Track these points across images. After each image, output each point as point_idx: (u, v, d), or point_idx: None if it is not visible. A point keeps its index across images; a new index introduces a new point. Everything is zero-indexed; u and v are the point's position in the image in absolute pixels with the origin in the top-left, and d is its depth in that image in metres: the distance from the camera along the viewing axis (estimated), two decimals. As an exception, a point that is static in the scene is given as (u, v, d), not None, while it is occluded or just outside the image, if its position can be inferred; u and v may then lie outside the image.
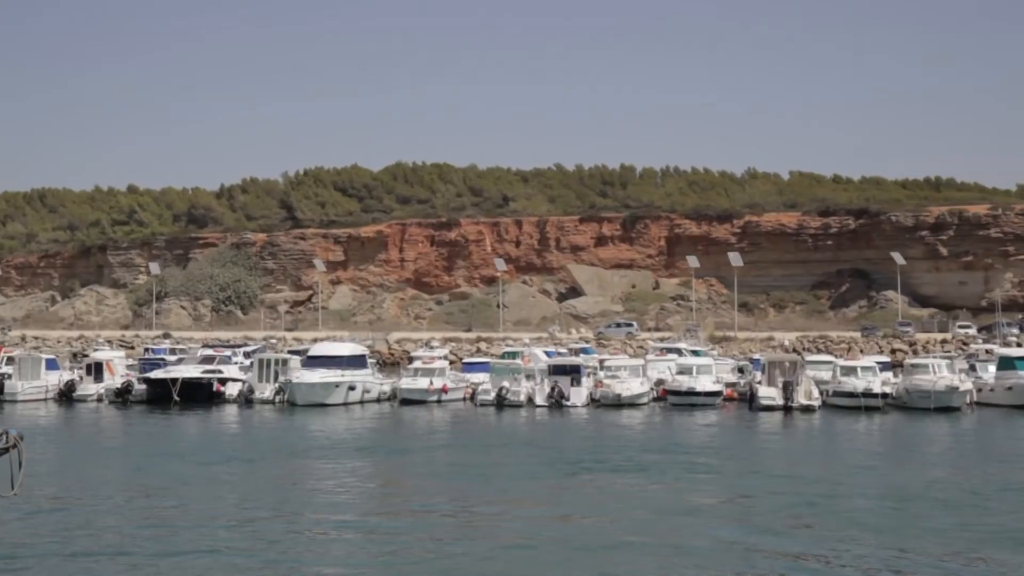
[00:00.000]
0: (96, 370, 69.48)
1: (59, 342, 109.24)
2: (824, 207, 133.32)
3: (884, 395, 59.64)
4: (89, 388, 67.86)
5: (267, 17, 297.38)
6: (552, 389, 60.46)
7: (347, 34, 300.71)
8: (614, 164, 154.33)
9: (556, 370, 63.19)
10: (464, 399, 64.41)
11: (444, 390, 62.98)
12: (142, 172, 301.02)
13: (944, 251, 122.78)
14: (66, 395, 68.26)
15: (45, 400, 67.27)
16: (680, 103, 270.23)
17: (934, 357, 69.51)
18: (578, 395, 60.53)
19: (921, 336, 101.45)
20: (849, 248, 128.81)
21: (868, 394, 58.59)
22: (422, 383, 62.99)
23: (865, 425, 52.90)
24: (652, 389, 63.74)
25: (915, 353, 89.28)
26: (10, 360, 72.95)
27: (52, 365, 72.40)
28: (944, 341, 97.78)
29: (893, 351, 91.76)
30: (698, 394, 60.09)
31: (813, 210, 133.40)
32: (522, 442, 45.08)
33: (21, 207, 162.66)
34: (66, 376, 71.04)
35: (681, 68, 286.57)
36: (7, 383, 68.21)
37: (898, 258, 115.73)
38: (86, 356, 79.90)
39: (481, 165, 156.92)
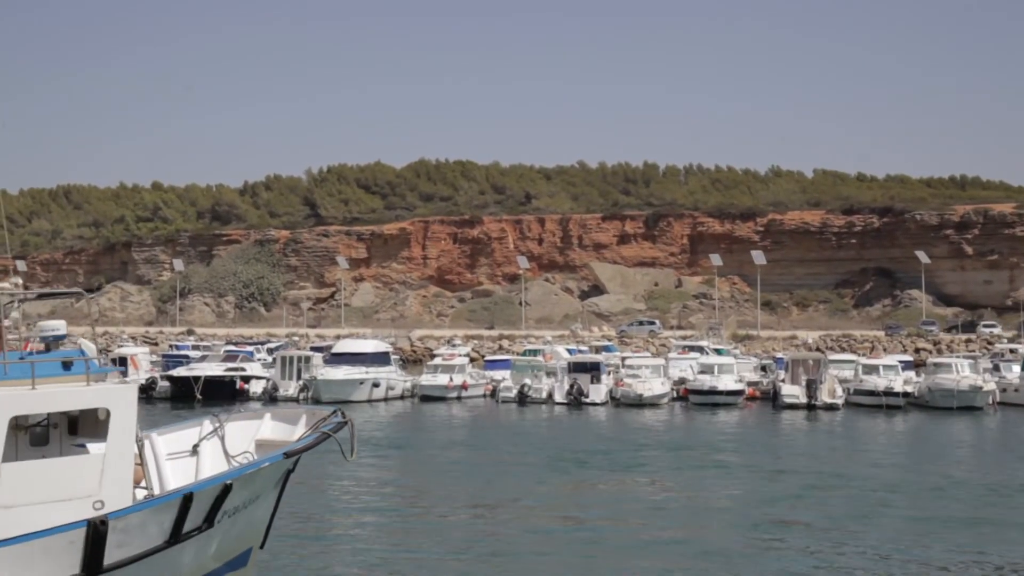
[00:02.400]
0: (120, 365, 69.91)
1: (83, 337, 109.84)
2: (848, 205, 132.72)
3: (906, 394, 59.48)
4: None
5: (292, 14, 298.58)
6: (571, 386, 60.49)
7: (371, 31, 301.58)
8: (637, 162, 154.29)
9: (576, 367, 63.22)
10: (484, 395, 64.59)
11: (464, 387, 63.18)
12: (166, 169, 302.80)
13: (969, 250, 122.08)
14: None
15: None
16: (703, 101, 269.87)
17: (957, 356, 69.17)
18: (597, 392, 60.53)
19: (945, 335, 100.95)
20: (873, 247, 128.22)
21: (890, 393, 58.42)
22: (442, 380, 63.20)
23: (886, 424, 52.73)
24: (673, 388, 63.67)
25: (939, 352, 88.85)
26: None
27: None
28: (968, 340, 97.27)
29: (917, 350, 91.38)
30: (720, 393, 59.98)
31: (837, 208, 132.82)
32: (539, 440, 45.13)
33: (46, 204, 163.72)
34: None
35: (705, 66, 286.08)
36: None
37: (923, 257, 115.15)
38: (110, 352, 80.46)
39: (504, 163, 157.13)
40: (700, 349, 76.47)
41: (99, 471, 15.36)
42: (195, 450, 18.90)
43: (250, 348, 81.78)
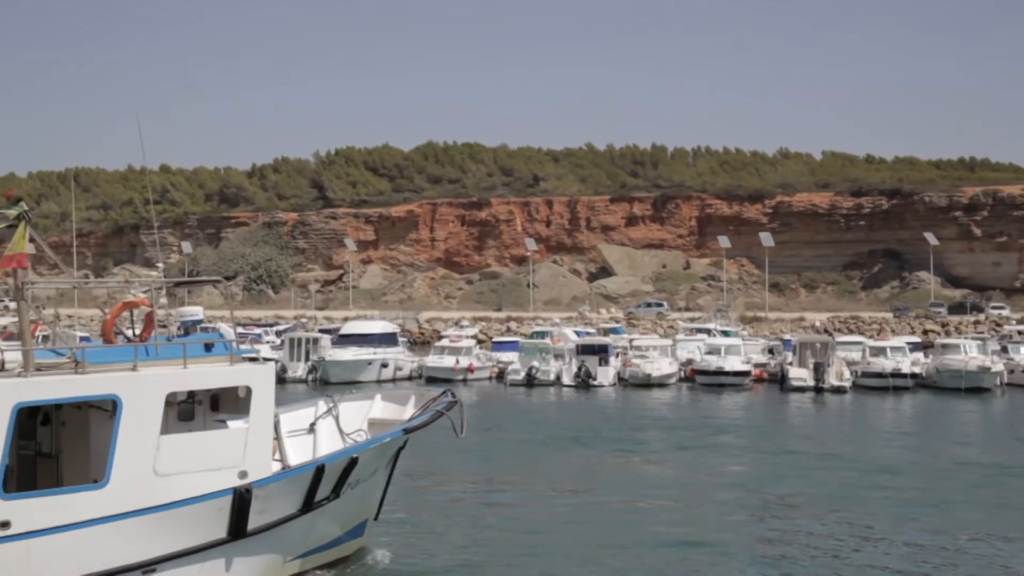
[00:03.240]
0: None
1: (92, 320, 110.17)
2: (857, 187, 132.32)
3: (914, 375, 59.51)
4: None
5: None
6: (579, 368, 60.56)
7: (378, 14, 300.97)
8: (645, 144, 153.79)
9: (584, 350, 63.31)
10: (490, 378, 64.69)
11: (470, 369, 63.26)
12: (174, 152, 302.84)
13: (978, 232, 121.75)
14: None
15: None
16: (712, 83, 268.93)
17: (965, 338, 69.08)
18: (605, 374, 60.61)
19: (953, 317, 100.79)
20: (882, 228, 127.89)
21: (897, 374, 58.46)
22: (448, 362, 63.29)
23: (894, 405, 52.73)
24: (680, 369, 63.73)
25: (947, 334, 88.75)
26: (45, 338, 73.79)
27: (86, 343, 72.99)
28: (977, 322, 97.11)
29: (925, 332, 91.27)
30: (726, 374, 60.06)
31: (845, 190, 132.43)
32: (549, 421, 45.22)
33: (55, 186, 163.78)
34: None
35: (714, 48, 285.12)
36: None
37: (931, 239, 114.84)
38: (120, 334, 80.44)
39: (512, 145, 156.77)
40: (708, 331, 76.49)
41: (243, 444, 16.95)
42: (312, 428, 20.33)
43: (258, 330, 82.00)
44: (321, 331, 74.98)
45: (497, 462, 33.37)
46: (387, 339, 66.06)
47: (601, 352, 62.63)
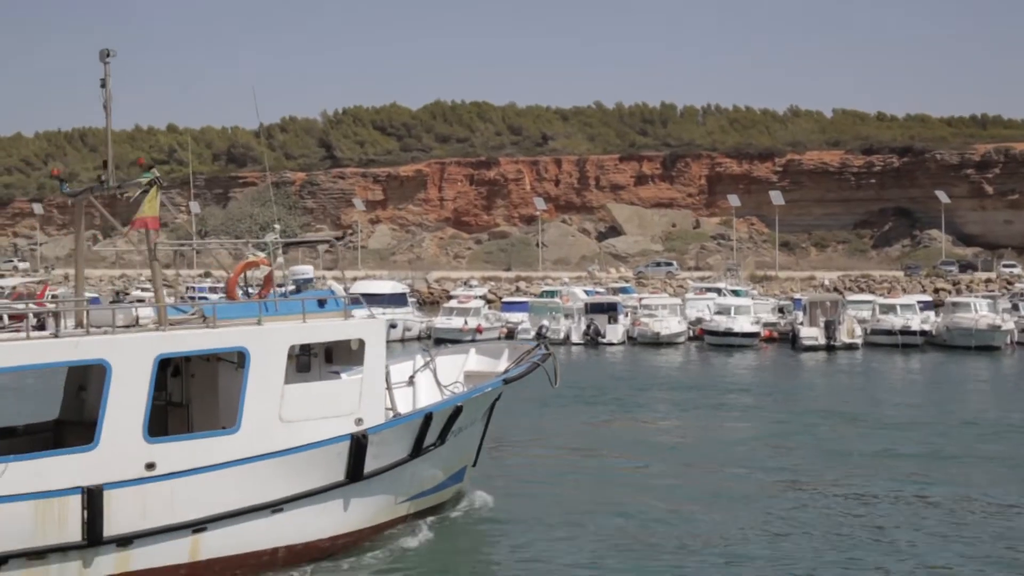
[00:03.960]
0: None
1: (101, 280, 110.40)
2: (867, 145, 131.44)
3: (923, 333, 59.37)
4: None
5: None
6: (588, 327, 60.44)
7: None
8: (654, 102, 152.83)
9: (593, 308, 63.19)
10: (499, 338, 64.59)
11: (479, 330, 63.12)
12: (181, 111, 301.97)
13: (990, 189, 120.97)
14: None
15: (87, 337, 67.93)
16: (721, 40, 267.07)
17: (976, 296, 68.77)
18: (614, 333, 60.52)
19: (964, 276, 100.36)
20: (893, 187, 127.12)
21: (907, 332, 58.34)
22: (456, 323, 63.15)
23: (904, 363, 52.63)
24: (689, 328, 63.58)
25: (958, 292, 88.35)
26: (54, 298, 73.88)
27: (95, 303, 73.12)
28: (988, 280, 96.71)
29: (936, 290, 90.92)
30: (735, 334, 59.92)
31: (856, 148, 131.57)
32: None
33: (62, 146, 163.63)
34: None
35: (723, 5, 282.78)
36: (50, 320, 69.04)
37: (942, 196, 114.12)
38: (128, 295, 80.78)
39: (520, 103, 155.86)
40: (717, 290, 76.25)
41: (359, 393, 18.30)
42: (411, 380, 21.40)
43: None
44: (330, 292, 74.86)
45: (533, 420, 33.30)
46: (396, 299, 65.95)
47: (610, 311, 62.52)
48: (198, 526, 16.34)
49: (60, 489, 15.19)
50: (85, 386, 18.67)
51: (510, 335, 63.39)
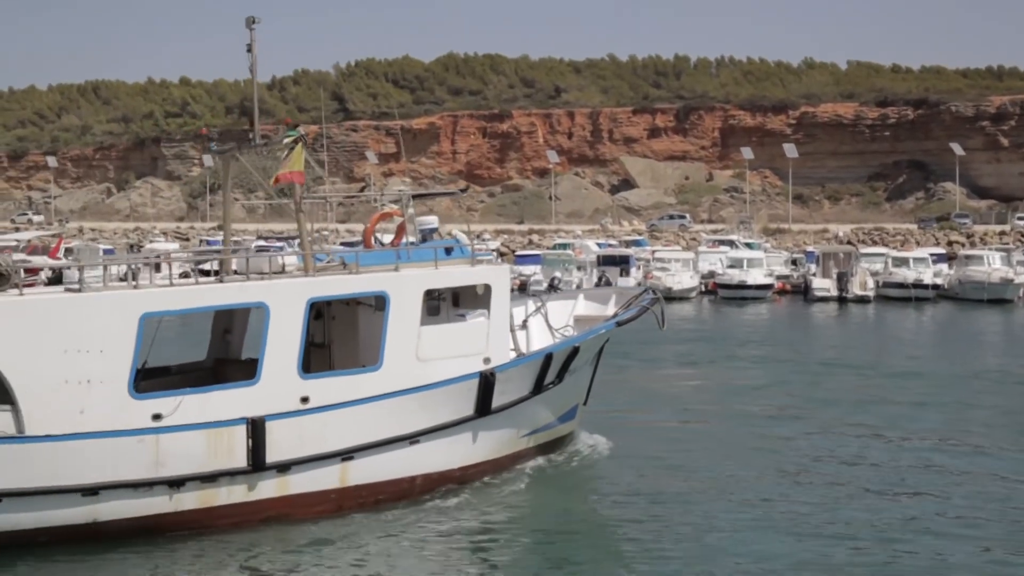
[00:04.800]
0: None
1: (115, 234, 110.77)
2: (882, 97, 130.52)
3: (935, 286, 59.40)
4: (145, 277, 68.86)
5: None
6: (600, 280, 60.59)
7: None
8: (668, 54, 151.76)
9: (605, 261, 63.31)
10: (513, 290, 64.72)
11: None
12: (194, 64, 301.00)
13: (1005, 141, 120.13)
14: (55, 283, 69.35)
15: (103, 290, 68.31)
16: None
17: (989, 249, 68.63)
18: (626, 285, 60.65)
19: (978, 228, 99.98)
20: (907, 139, 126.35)
21: (919, 285, 58.38)
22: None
23: (915, 316, 52.73)
24: (702, 282, 63.68)
25: (972, 245, 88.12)
26: (68, 251, 74.23)
27: (109, 254, 73.57)
28: (1003, 233, 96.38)
29: (949, 243, 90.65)
30: (748, 287, 60.04)
31: (871, 100, 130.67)
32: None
33: (75, 99, 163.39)
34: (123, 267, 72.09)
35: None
36: (66, 273, 69.48)
37: (957, 149, 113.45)
38: (142, 247, 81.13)
39: (533, 56, 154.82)
40: (730, 243, 76.26)
41: (486, 334, 19.72)
42: (524, 324, 22.26)
43: (280, 243, 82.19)
44: (343, 244, 75.09)
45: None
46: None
47: (622, 263, 62.64)
48: (346, 455, 17.87)
49: (228, 420, 16.79)
50: (230, 329, 20.78)
51: (523, 288, 63.57)
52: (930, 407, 28.44)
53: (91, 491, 15.90)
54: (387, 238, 22.08)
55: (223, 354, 20.82)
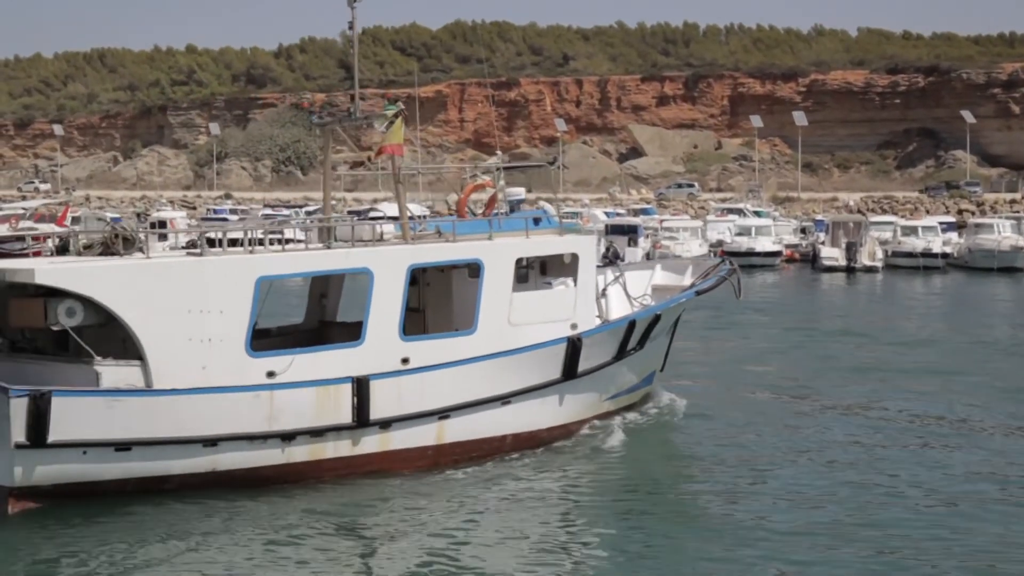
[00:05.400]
0: (160, 227, 70.49)
1: (122, 202, 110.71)
2: (893, 65, 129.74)
3: (945, 255, 59.11)
4: (154, 246, 68.84)
5: None
6: (607, 249, 60.23)
7: None
8: (677, 21, 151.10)
9: (613, 230, 62.99)
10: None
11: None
12: (200, 31, 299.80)
13: (1016, 109, 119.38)
14: (63, 252, 69.35)
15: (110, 258, 68.31)
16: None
17: (999, 217, 68.23)
18: (634, 255, 60.34)
19: (989, 196, 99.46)
20: (918, 107, 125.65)
21: (928, 254, 58.10)
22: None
23: (924, 285, 52.45)
24: (711, 250, 63.40)
25: (982, 213, 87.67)
26: (75, 220, 74.20)
27: (117, 222, 73.62)
28: (1013, 201, 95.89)
29: (960, 211, 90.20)
30: (756, 255, 59.81)
31: (881, 68, 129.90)
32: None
33: (81, 67, 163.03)
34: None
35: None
36: (73, 241, 69.53)
37: (968, 117, 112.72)
38: (148, 215, 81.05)
39: (541, 23, 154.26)
40: (739, 212, 75.96)
41: (574, 301, 20.69)
42: (603, 293, 22.96)
43: (287, 212, 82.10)
44: (350, 213, 74.90)
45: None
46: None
47: (631, 232, 62.32)
48: (443, 413, 18.86)
49: (335, 378, 17.82)
50: (326, 294, 21.89)
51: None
52: (936, 375, 28.24)
53: (211, 442, 17.00)
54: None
55: (319, 317, 22.02)
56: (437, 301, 20.74)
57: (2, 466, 16.07)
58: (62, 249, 67.79)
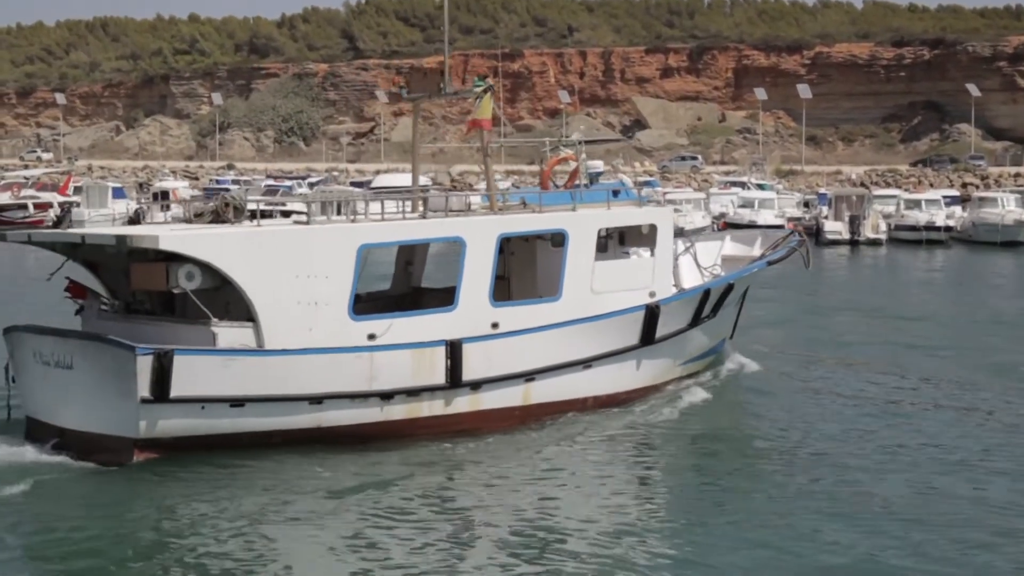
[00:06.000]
0: (163, 199, 70.51)
1: (124, 172, 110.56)
2: (898, 37, 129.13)
3: (948, 229, 58.96)
4: (157, 217, 68.80)
5: None
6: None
7: None
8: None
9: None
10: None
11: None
12: (202, 0, 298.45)
13: (1022, 82, 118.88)
14: (135, 223, 69.47)
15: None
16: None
17: (1003, 190, 68.03)
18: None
19: (993, 170, 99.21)
20: (923, 80, 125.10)
21: (931, 227, 57.98)
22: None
23: (927, 259, 52.37)
24: (713, 222, 63.33)
25: (986, 187, 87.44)
26: (78, 189, 74.28)
27: (119, 194, 73.71)
28: (1018, 175, 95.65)
29: (964, 185, 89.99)
30: (759, 227, 59.65)
31: (886, 40, 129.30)
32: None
33: (83, 36, 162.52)
34: (133, 205, 72.29)
35: None
36: (75, 211, 69.59)
37: (973, 90, 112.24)
38: (151, 186, 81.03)
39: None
40: (742, 184, 75.76)
41: (652, 270, 21.61)
42: (675, 262, 23.48)
43: (290, 182, 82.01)
44: (352, 184, 74.83)
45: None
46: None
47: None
48: (529, 376, 19.85)
49: (430, 341, 18.77)
50: (411, 261, 23.03)
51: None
52: (939, 351, 28.19)
53: (316, 400, 18.07)
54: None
55: (405, 284, 23.12)
56: (521, 269, 21.55)
57: (128, 419, 17.19)
58: (61, 220, 67.31)
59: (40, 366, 17.91)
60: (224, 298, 18.18)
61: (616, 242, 21.92)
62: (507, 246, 21.18)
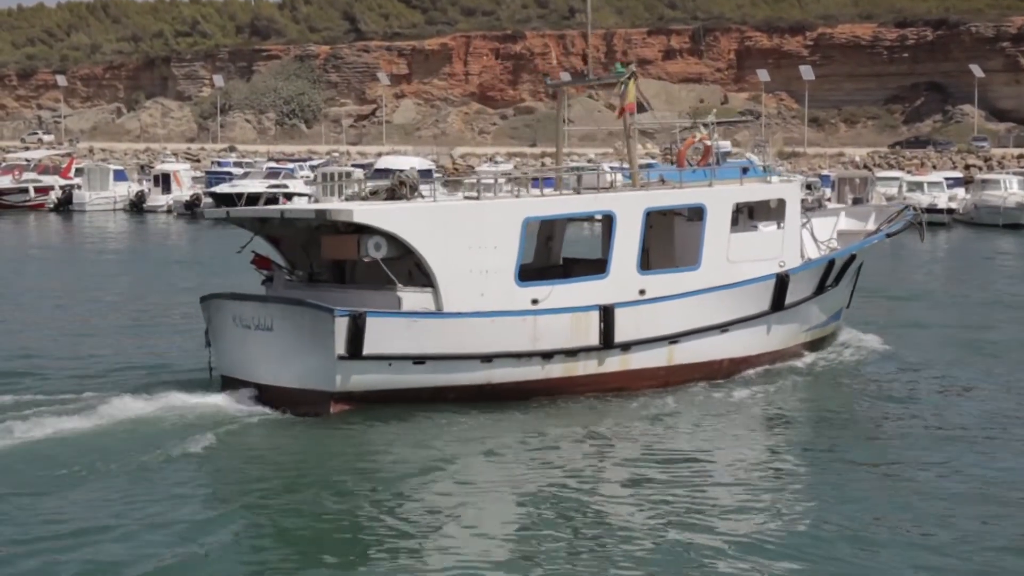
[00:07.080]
0: (164, 181, 70.46)
1: (126, 154, 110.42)
2: (901, 18, 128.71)
3: (950, 211, 58.82)
4: (158, 199, 68.80)
5: None
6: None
7: None
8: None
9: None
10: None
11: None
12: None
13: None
14: (136, 205, 69.47)
15: (114, 211, 68.33)
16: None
17: (1006, 173, 67.85)
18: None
19: (996, 151, 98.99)
20: (926, 61, 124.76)
21: (932, 209, 57.81)
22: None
23: (929, 240, 52.22)
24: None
25: (989, 169, 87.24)
26: (79, 171, 74.17)
27: (120, 176, 73.58)
28: (1021, 157, 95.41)
29: (967, 167, 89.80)
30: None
31: (889, 21, 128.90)
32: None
33: (85, 17, 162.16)
34: (134, 187, 72.21)
35: None
36: (76, 193, 69.49)
37: (976, 71, 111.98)
38: (152, 168, 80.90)
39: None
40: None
41: (782, 241, 22.88)
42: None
43: (292, 165, 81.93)
44: (354, 166, 74.74)
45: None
46: (422, 175, 65.67)
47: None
48: (673, 338, 21.25)
49: (586, 306, 20.35)
50: (551, 236, 24.47)
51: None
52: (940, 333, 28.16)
53: (487, 359, 19.74)
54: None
55: (545, 258, 24.43)
56: (659, 241, 22.66)
57: (327, 374, 19.03)
58: (64, 202, 67.61)
59: (239, 329, 19.78)
60: (405, 266, 19.89)
61: (746, 216, 23.08)
62: (645, 220, 22.44)
